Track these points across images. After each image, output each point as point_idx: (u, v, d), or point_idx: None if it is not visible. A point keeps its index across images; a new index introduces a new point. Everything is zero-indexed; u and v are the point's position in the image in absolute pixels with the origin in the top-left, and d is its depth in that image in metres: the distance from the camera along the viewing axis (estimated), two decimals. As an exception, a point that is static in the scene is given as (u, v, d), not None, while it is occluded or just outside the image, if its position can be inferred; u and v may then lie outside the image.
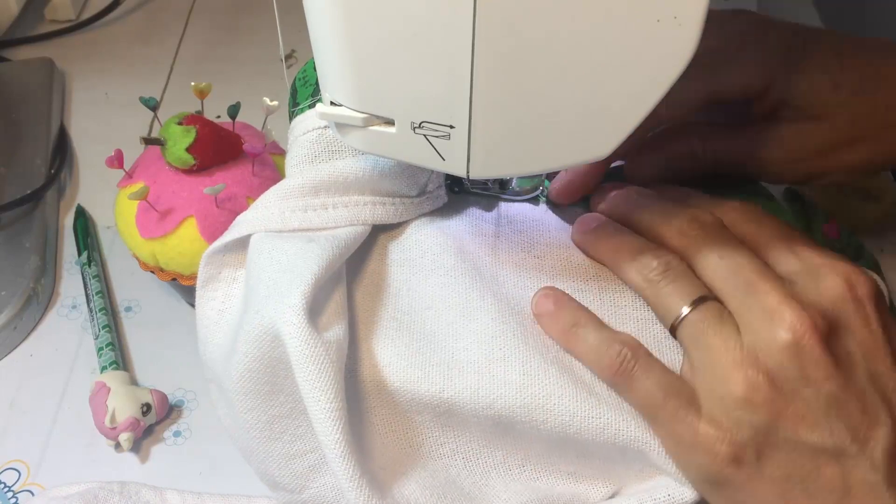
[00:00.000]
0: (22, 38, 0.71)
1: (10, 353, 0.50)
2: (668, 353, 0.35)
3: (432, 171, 0.40)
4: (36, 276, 0.52)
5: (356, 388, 0.36)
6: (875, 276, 0.32)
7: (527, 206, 0.42)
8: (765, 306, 0.31)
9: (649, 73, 0.29)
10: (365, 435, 0.36)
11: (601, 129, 0.31)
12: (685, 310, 0.32)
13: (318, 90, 0.40)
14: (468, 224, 0.40)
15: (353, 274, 0.38)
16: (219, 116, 0.49)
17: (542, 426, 0.34)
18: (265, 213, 0.38)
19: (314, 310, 0.34)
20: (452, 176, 0.42)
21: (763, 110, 0.41)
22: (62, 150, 0.61)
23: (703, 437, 0.31)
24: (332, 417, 0.32)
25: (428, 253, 0.38)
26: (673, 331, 0.33)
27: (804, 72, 0.39)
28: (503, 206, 0.42)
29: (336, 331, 0.34)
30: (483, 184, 0.42)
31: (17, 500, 0.44)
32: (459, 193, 0.42)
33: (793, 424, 0.30)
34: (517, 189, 0.42)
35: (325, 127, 0.39)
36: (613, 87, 0.29)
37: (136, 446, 0.45)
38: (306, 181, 0.38)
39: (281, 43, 0.42)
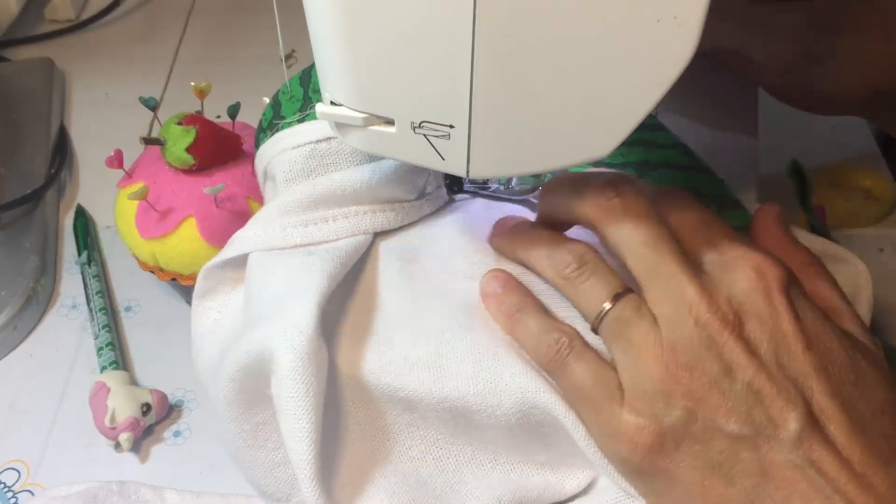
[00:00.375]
0: (22, 38, 0.71)
1: (10, 353, 0.50)
2: None
3: (430, 174, 0.40)
4: (36, 276, 0.52)
5: (331, 397, 0.36)
6: (786, 265, 0.33)
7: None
8: (682, 300, 0.32)
9: (649, 73, 0.29)
10: (336, 447, 0.36)
11: (601, 129, 0.31)
12: (606, 305, 0.33)
13: (306, 105, 0.40)
14: (460, 221, 0.40)
15: (351, 277, 0.39)
16: (219, 116, 0.49)
17: (498, 410, 0.34)
18: (267, 230, 0.38)
19: (315, 328, 0.34)
20: (452, 176, 0.42)
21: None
22: (62, 150, 0.61)
23: (625, 427, 0.32)
24: (308, 439, 0.33)
25: (370, 256, 0.39)
26: (595, 329, 0.34)
27: None
28: (501, 204, 0.42)
29: (325, 350, 0.35)
30: (483, 183, 0.42)
31: (17, 500, 0.44)
32: (459, 193, 0.42)
33: (711, 414, 0.31)
34: (517, 189, 0.42)
35: (318, 141, 0.39)
36: (613, 87, 0.29)
37: (136, 446, 0.45)
38: (304, 196, 0.38)
39: (281, 43, 0.42)
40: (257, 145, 0.42)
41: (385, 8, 0.29)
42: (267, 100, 0.48)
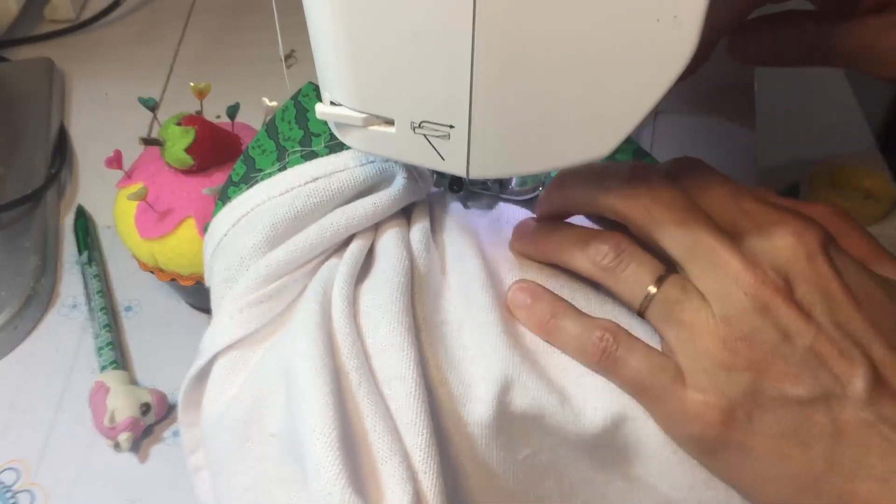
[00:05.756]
0: (22, 38, 0.71)
1: (10, 353, 0.50)
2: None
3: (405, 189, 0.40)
4: (36, 276, 0.52)
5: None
6: (820, 224, 0.33)
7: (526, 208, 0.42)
8: (727, 273, 0.32)
9: (649, 72, 0.29)
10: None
11: (601, 129, 0.31)
12: (651, 289, 0.33)
13: (282, 155, 0.40)
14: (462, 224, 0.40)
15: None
16: (218, 116, 0.49)
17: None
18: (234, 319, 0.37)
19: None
20: (452, 175, 0.42)
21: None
22: (62, 150, 0.61)
23: (692, 406, 0.32)
24: (326, 409, 0.31)
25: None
26: (641, 313, 0.34)
27: None
28: (503, 206, 0.42)
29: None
30: (483, 183, 0.42)
31: (17, 500, 0.44)
32: (459, 193, 0.42)
33: (777, 382, 0.31)
34: (517, 189, 0.42)
35: (305, 183, 0.38)
36: (613, 87, 0.29)
37: (136, 446, 0.45)
38: (291, 254, 0.37)
39: (281, 43, 0.42)
40: (225, 199, 0.41)
41: (385, 8, 0.29)
42: (266, 100, 0.48)
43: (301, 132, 0.40)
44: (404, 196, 0.39)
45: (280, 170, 0.39)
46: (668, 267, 0.34)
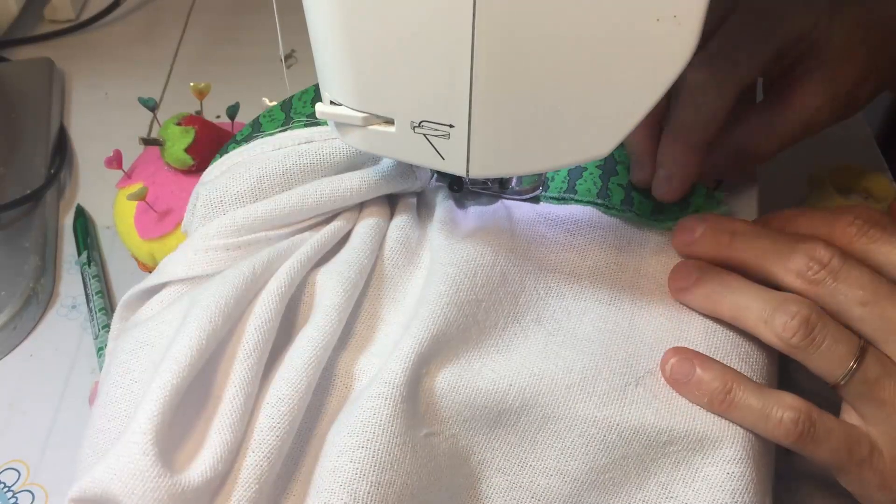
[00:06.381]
0: (21, 38, 0.71)
1: (9, 353, 0.50)
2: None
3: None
4: (36, 276, 0.52)
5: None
6: None
7: (526, 205, 0.42)
8: None
9: (649, 72, 0.29)
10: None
11: (601, 129, 0.31)
12: (851, 365, 0.33)
13: (288, 122, 0.40)
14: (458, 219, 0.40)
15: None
16: (218, 117, 0.49)
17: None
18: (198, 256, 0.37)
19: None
20: (452, 175, 0.42)
21: (790, 59, 0.42)
22: (62, 150, 0.61)
23: (892, 477, 0.33)
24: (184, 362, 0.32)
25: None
26: (835, 388, 0.34)
27: (840, 13, 0.41)
28: (507, 204, 0.42)
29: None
30: (483, 183, 0.42)
31: (17, 500, 0.44)
32: (459, 193, 0.42)
33: None
34: (517, 189, 0.42)
35: (299, 143, 0.39)
36: (613, 87, 0.29)
37: (136, 446, 0.45)
38: (270, 213, 0.38)
39: (281, 43, 0.42)
40: (224, 153, 0.42)
41: (385, 8, 0.29)
42: (267, 100, 0.48)
43: (313, 110, 0.40)
44: (394, 177, 0.39)
45: (280, 132, 0.40)
46: (863, 338, 0.33)
